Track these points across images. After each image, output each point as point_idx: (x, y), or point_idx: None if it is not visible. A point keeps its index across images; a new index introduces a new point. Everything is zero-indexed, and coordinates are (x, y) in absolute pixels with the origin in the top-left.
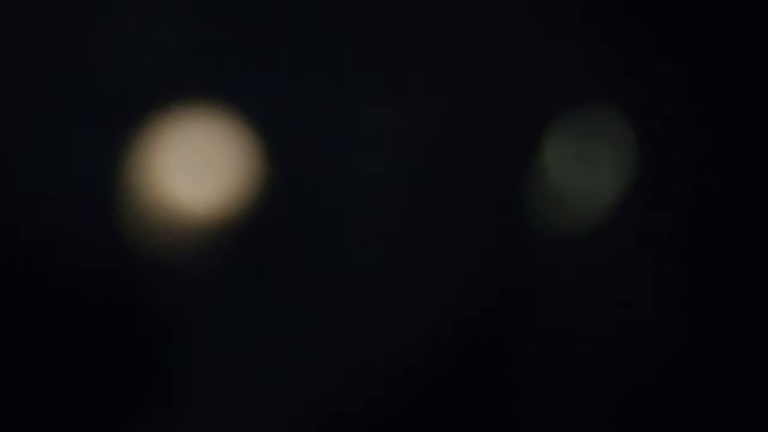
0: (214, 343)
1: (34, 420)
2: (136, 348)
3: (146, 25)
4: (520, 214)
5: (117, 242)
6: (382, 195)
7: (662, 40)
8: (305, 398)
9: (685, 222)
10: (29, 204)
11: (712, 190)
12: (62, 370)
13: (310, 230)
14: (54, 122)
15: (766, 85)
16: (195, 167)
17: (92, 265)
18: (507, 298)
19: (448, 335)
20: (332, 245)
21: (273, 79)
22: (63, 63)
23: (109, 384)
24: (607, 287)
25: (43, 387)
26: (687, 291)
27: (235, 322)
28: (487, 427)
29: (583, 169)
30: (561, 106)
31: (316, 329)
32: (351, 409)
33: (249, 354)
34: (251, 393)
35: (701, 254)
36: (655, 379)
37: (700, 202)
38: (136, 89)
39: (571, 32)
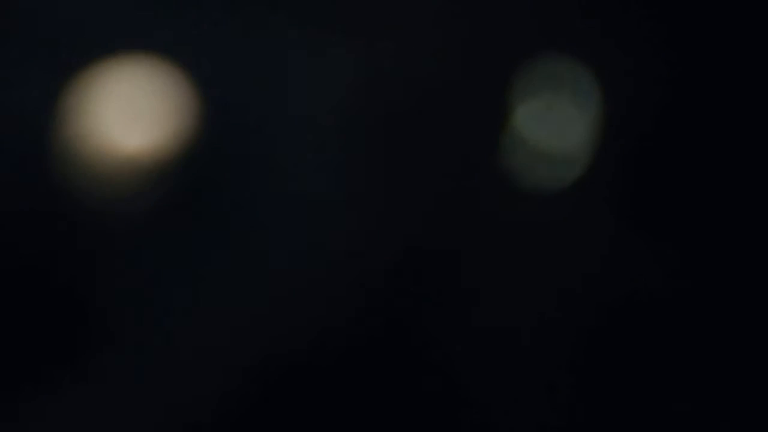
0: (147, 287)
1: None
2: (68, 293)
3: None
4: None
5: (52, 186)
6: (321, 140)
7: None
8: (243, 344)
9: (650, 180)
10: None
11: (680, 148)
12: None
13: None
14: None
15: (739, 43)
16: (129, 110)
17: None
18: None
19: (387, 287)
20: (268, 190)
21: (212, 19)
22: None
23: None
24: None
25: None
26: (643, 252)
27: (169, 266)
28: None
29: (551, 121)
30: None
31: (251, 277)
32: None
33: (184, 297)
34: (186, 336)
35: (663, 211)
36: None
37: (666, 158)
38: (69, 35)
39: None
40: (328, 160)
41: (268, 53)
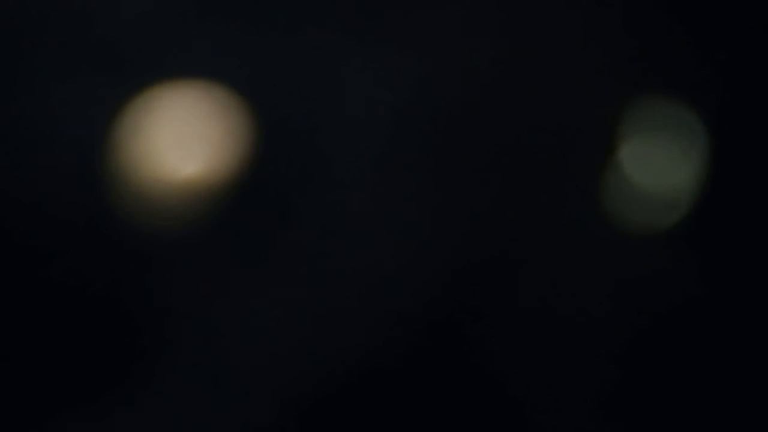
0: (208, 307)
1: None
2: (121, 315)
3: None
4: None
5: (106, 208)
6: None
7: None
8: (299, 359)
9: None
10: (15, 165)
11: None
12: (53, 333)
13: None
14: (43, 82)
15: None
16: (183, 133)
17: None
18: (500, 253)
19: (441, 292)
20: (325, 201)
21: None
22: (57, 21)
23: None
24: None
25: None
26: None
27: (231, 283)
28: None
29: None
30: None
31: (310, 287)
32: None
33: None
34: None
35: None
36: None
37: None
38: (121, 54)
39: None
40: (386, 172)
41: (318, 66)
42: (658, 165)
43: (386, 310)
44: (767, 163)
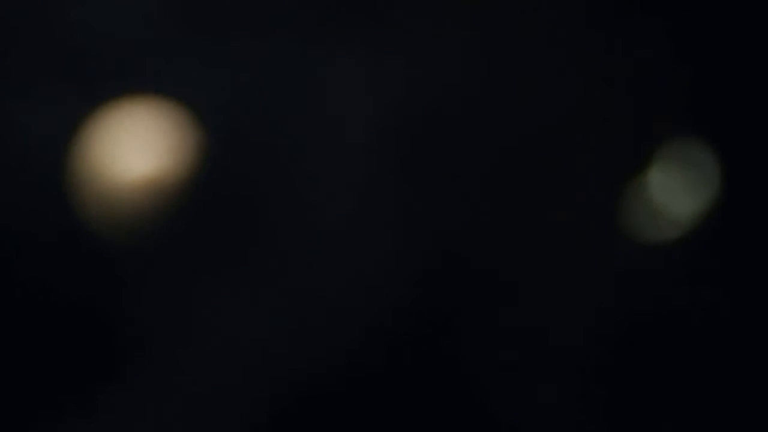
0: (179, 312)
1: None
2: (83, 317)
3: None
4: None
5: (72, 216)
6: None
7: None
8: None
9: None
10: None
11: None
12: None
13: (271, 193)
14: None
15: None
16: (150, 140)
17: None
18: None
19: (420, 302)
20: (301, 205)
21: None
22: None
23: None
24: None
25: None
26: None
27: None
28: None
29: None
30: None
31: (285, 291)
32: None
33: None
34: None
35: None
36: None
37: None
38: (88, 62)
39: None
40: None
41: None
42: (669, 181)
43: (363, 315)
44: None
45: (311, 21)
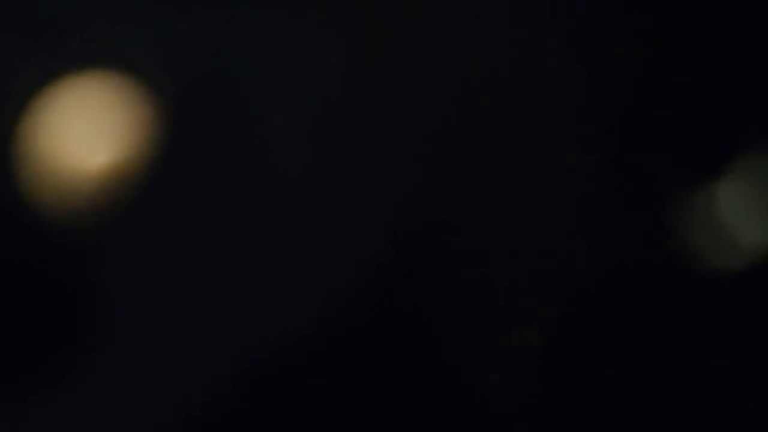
0: (129, 296)
1: None
2: (41, 301)
3: None
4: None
5: (19, 198)
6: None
7: None
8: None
9: None
10: None
11: None
12: None
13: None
14: None
15: None
16: (98, 117)
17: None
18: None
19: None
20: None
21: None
22: None
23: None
24: None
25: None
26: None
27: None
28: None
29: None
30: None
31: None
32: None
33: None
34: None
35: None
36: None
37: None
38: (40, 37)
39: None
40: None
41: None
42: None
43: (322, 290)
44: None
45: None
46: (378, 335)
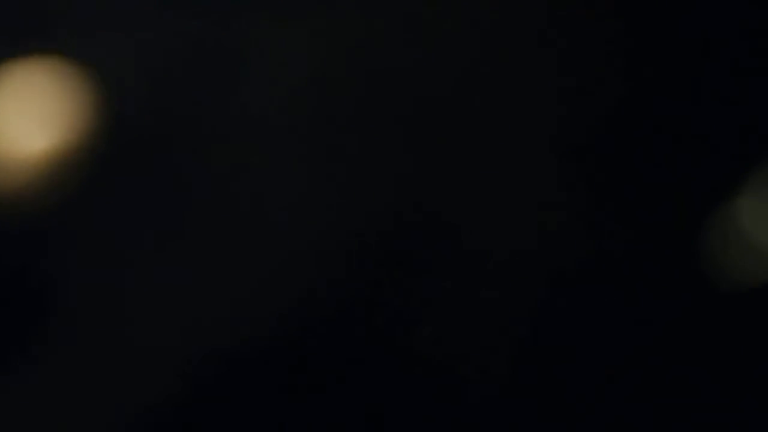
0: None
1: None
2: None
3: None
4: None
5: None
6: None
7: None
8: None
9: None
10: None
11: None
12: None
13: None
14: None
15: None
16: (45, 107)
17: None
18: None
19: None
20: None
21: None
22: None
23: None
24: None
25: None
26: None
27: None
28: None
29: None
30: None
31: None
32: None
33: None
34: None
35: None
36: None
37: None
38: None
39: None
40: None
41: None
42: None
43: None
44: None
45: None
46: (358, 332)
